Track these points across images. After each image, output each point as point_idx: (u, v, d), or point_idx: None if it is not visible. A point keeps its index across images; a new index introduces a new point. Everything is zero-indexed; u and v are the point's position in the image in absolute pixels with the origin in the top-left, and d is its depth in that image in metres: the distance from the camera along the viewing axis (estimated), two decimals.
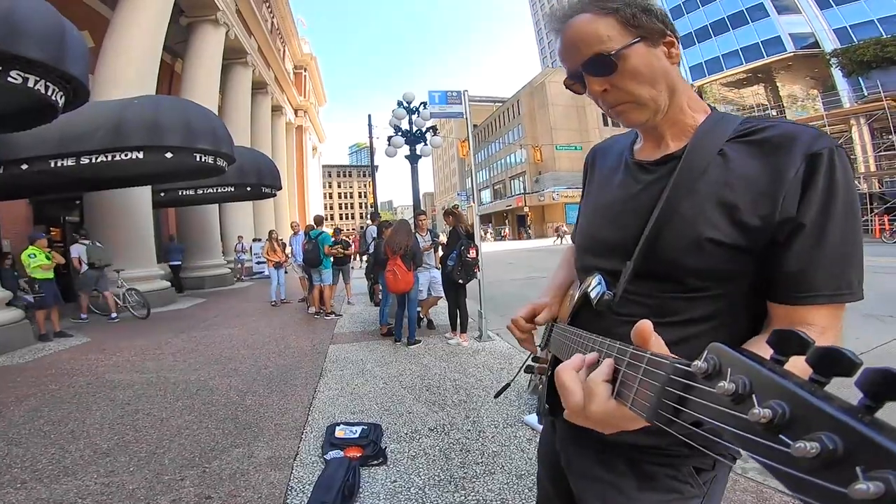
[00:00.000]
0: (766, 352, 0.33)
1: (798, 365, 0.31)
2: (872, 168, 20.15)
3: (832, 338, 0.62)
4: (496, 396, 1.16)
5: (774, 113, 24.64)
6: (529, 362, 1.01)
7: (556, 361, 0.84)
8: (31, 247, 6.18)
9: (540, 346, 0.96)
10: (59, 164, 5.93)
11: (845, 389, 0.27)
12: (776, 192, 0.62)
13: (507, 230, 47.20)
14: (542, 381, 0.96)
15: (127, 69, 8.48)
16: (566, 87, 0.79)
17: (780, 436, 0.27)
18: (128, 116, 5.73)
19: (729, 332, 0.69)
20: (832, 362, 0.28)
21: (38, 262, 6.12)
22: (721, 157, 0.68)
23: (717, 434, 0.33)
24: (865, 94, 20.68)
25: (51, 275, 6.26)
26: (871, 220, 18.23)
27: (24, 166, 5.90)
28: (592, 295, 0.75)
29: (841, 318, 0.63)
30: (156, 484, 2.23)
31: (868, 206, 18.98)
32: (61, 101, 4.08)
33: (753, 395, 0.29)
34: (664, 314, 0.70)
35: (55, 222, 10.22)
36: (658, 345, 0.47)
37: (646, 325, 0.48)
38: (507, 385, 1.18)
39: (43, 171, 6.01)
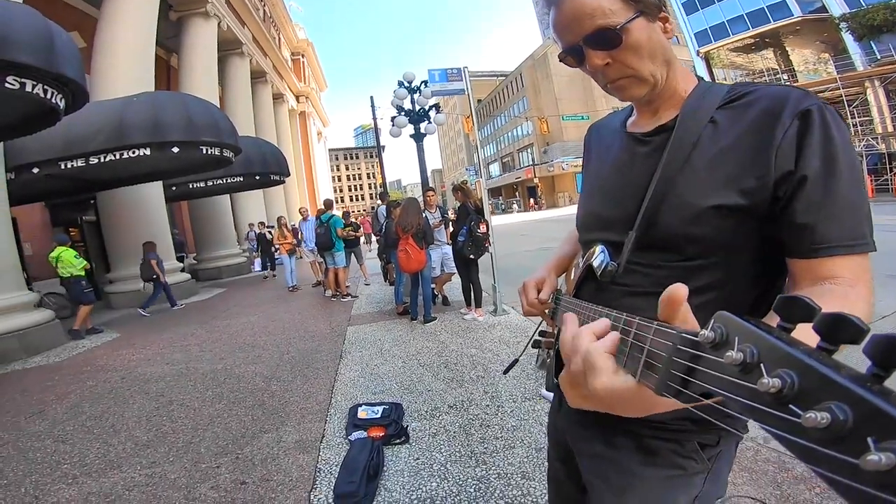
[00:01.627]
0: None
1: (805, 332, 0.31)
2: (890, 128, 19.82)
3: (864, 291, 0.60)
4: (505, 372, 1.18)
5: (786, 77, 23.94)
6: (537, 337, 1.03)
7: None
8: (66, 248, 6.40)
9: (549, 315, 0.96)
10: (68, 165, 6.04)
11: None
12: (768, 150, 0.63)
13: (533, 200, 46.28)
14: (549, 356, 0.97)
15: (121, 66, 8.46)
16: (560, 61, 0.78)
17: (790, 406, 0.26)
18: (129, 115, 5.75)
19: (735, 301, 0.69)
20: (839, 329, 0.27)
21: (82, 262, 6.39)
22: (712, 124, 0.69)
23: (725, 405, 0.33)
24: (878, 57, 20.22)
25: (83, 273, 6.50)
26: (891, 179, 17.99)
27: (36, 170, 6.03)
28: (596, 265, 0.76)
29: (868, 269, 0.62)
30: (194, 472, 2.35)
31: (888, 165, 18.73)
32: (62, 104, 4.12)
33: (762, 365, 0.29)
34: (667, 284, 0.70)
35: (72, 223, 10.47)
36: (685, 315, 0.44)
37: (679, 290, 0.43)
38: (516, 361, 1.20)
39: (53, 174, 6.12)
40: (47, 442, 2.90)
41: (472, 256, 5.19)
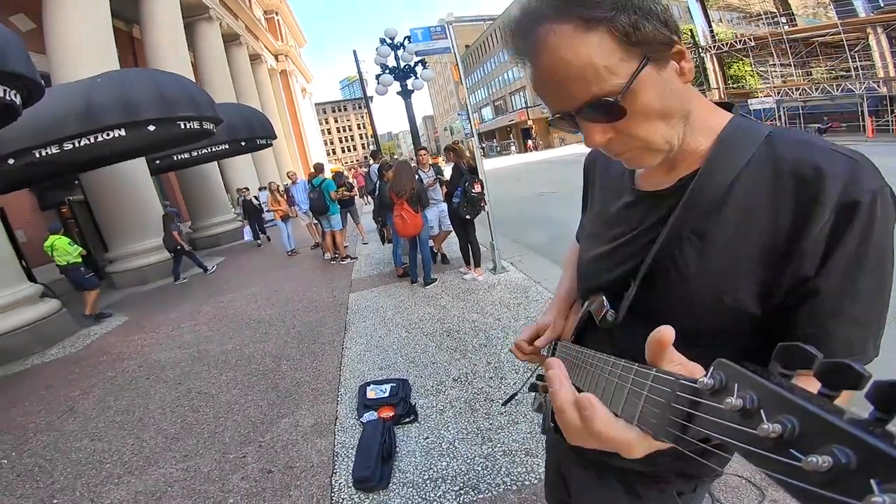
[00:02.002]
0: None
1: (805, 380, 0.31)
2: (892, 73, 19.51)
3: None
4: (504, 404, 1.24)
5: (784, 20, 22.46)
6: (534, 380, 1.06)
7: None
8: (59, 236, 6.36)
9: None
10: (42, 153, 5.81)
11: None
12: (792, 248, 0.53)
13: (531, 142, 44.87)
14: (546, 400, 1.02)
15: (78, 44, 7.87)
16: (550, 126, 0.69)
17: (791, 450, 0.27)
18: (96, 96, 5.46)
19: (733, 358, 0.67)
20: (840, 376, 0.28)
21: (77, 249, 6.39)
22: (732, 192, 0.57)
23: (725, 450, 0.33)
24: (881, 4, 19.23)
25: (79, 259, 6.49)
26: (892, 121, 18.37)
27: (11, 161, 5.82)
28: (594, 310, 0.76)
29: None
30: (224, 464, 2.52)
31: (889, 108, 18.90)
32: (18, 100, 3.94)
33: (762, 411, 0.29)
34: None
35: (61, 204, 10.35)
36: (670, 358, 0.44)
37: (666, 333, 0.43)
38: (514, 395, 1.26)
39: (30, 163, 5.93)
40: (85, 441, 3.06)
41: (468, 217, 5.19)
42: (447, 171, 5.91)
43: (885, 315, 0.56)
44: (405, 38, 5.77)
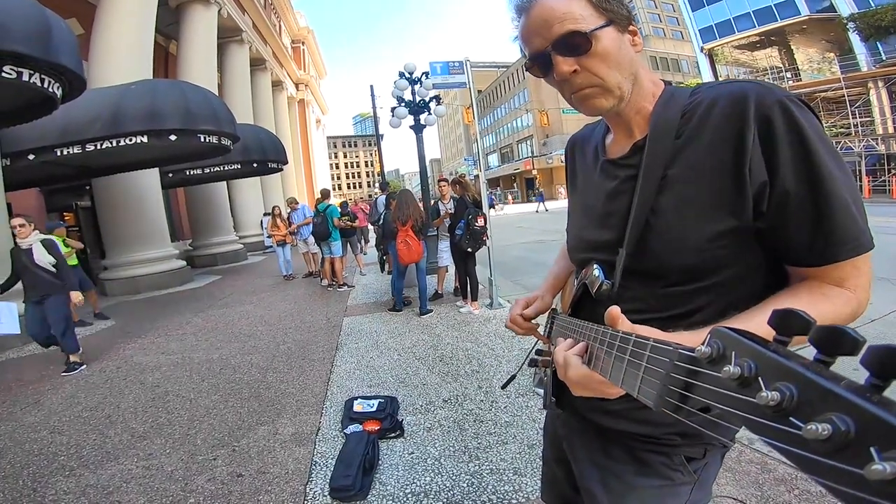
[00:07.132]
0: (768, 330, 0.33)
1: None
2: (891, 130, 20.12)
3: (865, 283, 0.62)
4: (503, 387, 1.19)
5: (789, 75, 24.00)
6: (533, 356, 1.04)
7: None
8: (53, 236, 6.28)
9: (545, 334, 0.97)
10: (64, 152, 5.96)
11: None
12: (741, 162, 0.60)
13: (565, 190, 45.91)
14: (546, 374, 0.98)
15: (120, 54, 8.39)
16: (526, 70, 0.77)
17: (790, 418, 0.26)
18: (126, 103, 5.70)
19: (739, 310, 0.66)
20: (835, 342, 0.28)
21: (69, 251, 6.28)
22: (680, 139, 0.67)
23: (725, 419, 0.33)
24: (884, 58, 20.39)
25: (75, 261, 6.39)
26: (889, 181, 18.33)
27: (31, 157, 5.96)
28: (590, 283, 0.77)
29: (868, 264, 0.62)
30: (191, 464, 2.37)
31: (886, 167, 19.06)
32: (59, 93, 4.09)
33: (760, 379, 0.29)
34: (665, 309, 0.70)
35: (67, 209, 10.42)
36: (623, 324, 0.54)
37: (613, 310, 0.55)
38: (514, 377, 1.22)
39: (49, 161, 6.06)
40: (43, 433, 2.91)
41: (469, 249, 5.21)
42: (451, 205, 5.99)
43: (859, 195, 0.61)
44: (423, 73, 6.09)
